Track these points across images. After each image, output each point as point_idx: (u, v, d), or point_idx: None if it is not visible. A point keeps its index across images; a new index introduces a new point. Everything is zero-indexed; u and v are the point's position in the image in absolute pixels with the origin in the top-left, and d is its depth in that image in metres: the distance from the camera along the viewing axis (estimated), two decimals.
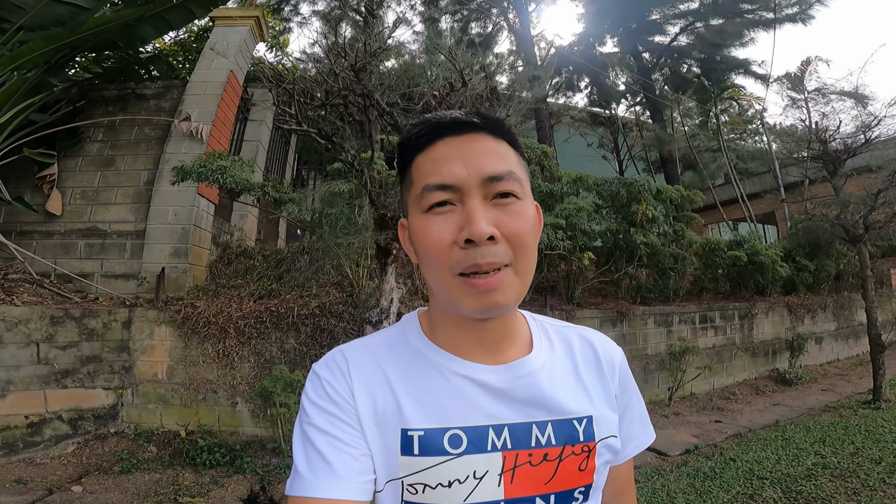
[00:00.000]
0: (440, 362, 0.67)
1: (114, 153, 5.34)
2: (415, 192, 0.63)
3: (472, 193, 0.59)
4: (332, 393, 0.64)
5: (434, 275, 0.62)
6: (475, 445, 0.62)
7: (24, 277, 4.79)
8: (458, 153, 0.61)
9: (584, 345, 0.75)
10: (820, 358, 8.09)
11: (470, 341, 0.67)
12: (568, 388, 0.69)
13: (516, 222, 0.60)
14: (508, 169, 0.61)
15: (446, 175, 0.60)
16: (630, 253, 6.44)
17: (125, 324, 4.54)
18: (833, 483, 3.48)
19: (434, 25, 11.25)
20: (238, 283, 5.29)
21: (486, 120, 0.64)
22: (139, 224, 5.18)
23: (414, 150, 0.65)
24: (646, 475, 3.83)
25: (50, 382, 4.19)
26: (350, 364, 0.67)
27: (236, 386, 4.51)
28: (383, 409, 0.64)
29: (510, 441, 0.63)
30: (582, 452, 0.65)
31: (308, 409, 0.64)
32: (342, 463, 0.60)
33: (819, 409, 5.67)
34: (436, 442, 0.61)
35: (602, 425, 0.68)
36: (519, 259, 0.60)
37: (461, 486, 0.61)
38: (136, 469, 3.90)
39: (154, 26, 4.63)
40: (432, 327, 0.70)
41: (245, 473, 3.89)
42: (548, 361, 0.70)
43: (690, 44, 12.88)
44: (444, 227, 0.60)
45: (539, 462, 0.63)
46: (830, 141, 5.60)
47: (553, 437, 0.64)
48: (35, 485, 3.60)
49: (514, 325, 0.70)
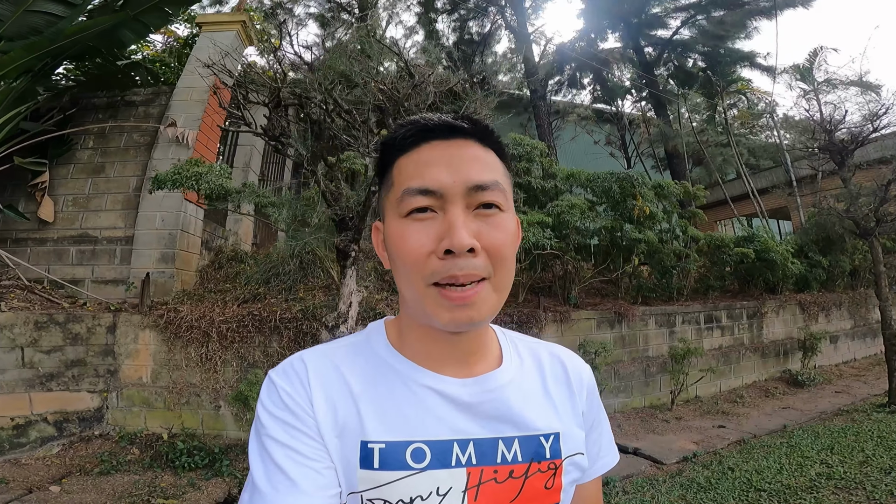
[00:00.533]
0: (406, 373, 0.64)
1: (104, 160, 5.42)
2: (394, 195, 0.60)
3: (455, 202, 0.57)
4: (289, 402, 0.60)
5: (407, 283, 0.60)
6: (439, 460, 0.59)
7: (16, 284, 4.87)
8: (443, 158, 0.59)
9: (553, 361, 0.74)
10: (835, 358, 7.75)
11: (439, 353, 0.64)
12: (536, 403, 0.67)
13: (498, 235, 0.58)
14: (494, 179, 0.59)
15: (429, 180, 0.58)
16: (628, 251, 6.25)
17: (110, 328, 4.57)
18: (836, 496, 3.26)
19: (431, 26, 11.24)
20: (226, 287, 5.31)
21: (476, 126, 0.62)
22: (129, 230, 5.24)
23: (397, 151, 0.62)
24: (637, 485, 3.66)
25: (35, 386, 4.24)
26: (309, 371, 0.63)
27: (219, 390, 4.50)
28: (343, 420, 0.60)
29: (475, 456, 0.61)
30: (548, 470, 0.63)
31: (264, 420, 0.60)
32: (304, 477, 0.56)
33: (831, 413, 5.41)
34: (397, 455, 0.59)
35: (569, 442, 0.67)
36: (497, 273, 0.58)
37: (423, 503, 0.58)
38: (116, 471, 3.91)
39: (132, 30, 4.68)
40: (400, 337, 0.67)
41: (224, 476, 3.86)
42: (517, 376, 0.68)
43: (693, 37, 12.63)
44: (422, 235, 0.57)
45: (504, 479, 0.61)
46: (836, 131, 5.35)
47: (519, 454, 0.63)
48: (16, 484, 3.63)
49: (484, 339, 0.68)
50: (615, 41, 13.82)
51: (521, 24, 11.46)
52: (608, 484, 3.64)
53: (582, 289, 6.35)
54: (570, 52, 12.73)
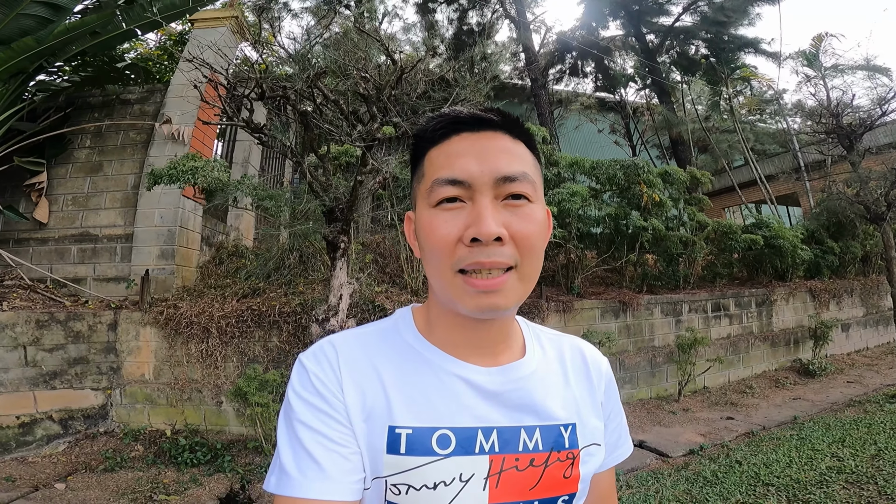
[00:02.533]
0: (434, 360, 0.65)
1: (101, 158, 5.41)
2: (425, 185, 0.62)
3: (484, 192, 0.58)
4: (319, 386, 0.61)
5: (436, 271, 0.61)
6: (463, 447, 0.60)
7: (19, 283, 4.89)
8: (472, 149, 0.60)
9: (574, 353, 0.75)
10: (847, 347, 7.60)
11: (466, 341, 0.65)
12: (557, 394, 0.69)
13: (526, 225, 0.59)
14: (523, 170, 0.60)
15: (458, 170, 0.59)
16: (633, 239, 6.14)
17: (111, 326, 4.58)
18: (846, 490, 3.17)
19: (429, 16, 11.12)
20: (226, 282, 5.29)
21: (505, 118, 0.63)
22: (128, 228, 5.23)
23: (429, 143, 0.64)
24: (641, 479, 3.60)
25: (39, 384, 4.26)
26: (340, 356, 0.64)
27: (220, 385, 4.50)
28: (372, 405, 0.61)
29: (498, 444, 0.62)
30: (567, 459, 0.65)
31: (294, 404, 0.61)
32: (332, 463, 0.57)
33: (842, 404, 5.30)
34: (424, 441, 0.60)
35: (586, 433, 0.68)
36: (525, 263, 0.59)
37: (446, 488, 0.59)
38: (121, 467, 3.94)
39: (123, 36, 4.64)
40: (429, 324, 0.68)
41: (226, 472, 3.87)
42: (540, 367, 0.69)
43: (695, 24, 12.40)
44: (451, 224, 0.58)
45: (525, 467, 0.62)
46: (843, 115, 5.20)
47: (540, 443, 0.64)
48: (23, 482, 3.67)
49: (510, 330, 0.69)
50: (616, 29, 13.66)
51: (520, 14, 11.30)
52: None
53: (585, 278, 6.26)
54: (571, 41, 12.55)
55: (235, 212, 6.77)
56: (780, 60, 11.62)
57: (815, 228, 8.04)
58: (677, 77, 13.49)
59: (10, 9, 4.32)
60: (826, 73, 9.63)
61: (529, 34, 11.52)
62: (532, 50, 11.41)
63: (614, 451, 0.77)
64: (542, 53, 12.19)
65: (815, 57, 10.29)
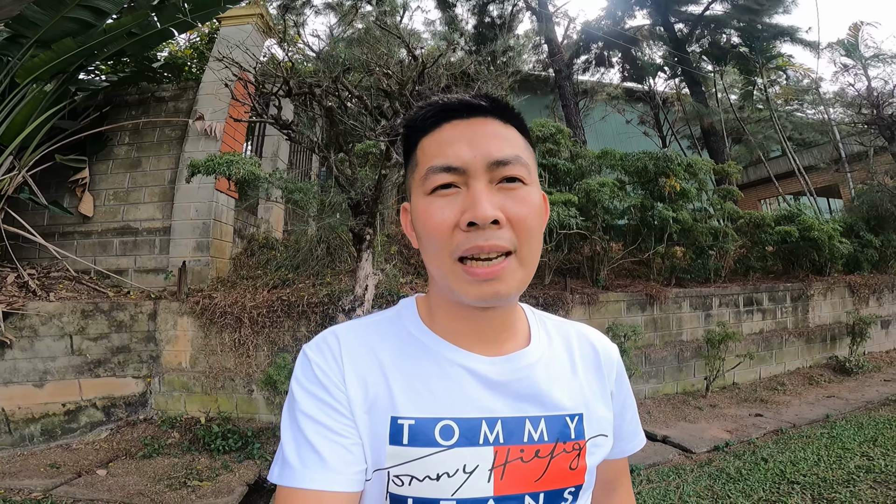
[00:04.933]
0: (437, 350, 0.65)
1: (140, 155, 5.63)
2: (419, 174, 0.62)
3: (478, 176, 0.58)
4: (321, 377, 0.62)
5: (434, 260, 0.61)
6: (467, 438, 0.60)
7: (64, 275, 5.16)
8: (464, 136, 0.60)
9: (582, 341, 0.74)
10: (886, 344, 7.31)
11: (468, 331, 0.65)
12: (563, 383, 0.67)
13: (522, 207, 0.58)
14: (515, 153, 0.60)
15: (451, 157, 0.59)
16: (660, 231, 6.03)
17: (151, 316, 4.78)
18: (873, 490, 3.09)
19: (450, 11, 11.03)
20: (257, 273, 5.45)
21: (495, 104, 0.63)
22: (166, 221, 5.45)
23: (420, 132, 0.64)
24: (662, 474, 3.57)
25: (83, 372, 4.48)
26: (342, 347, 0.64)
27: (252, 374, 4.65)
28: (374, 396, 0.61)
29: (503, 435, 0.61)
30: (573, 450, 0.64)
31: (297, 395, 0.62)
32: (334, 454, 0.58)
33: (878, 403, 5.12)
34: (427, 432, 0.60)
35: (593, 423, 0.67)
36: (523, 246, 0.58)
37: (450, 479, 0.59)
38: (158, 454, 4.11)
39: (158, 35, 4.81)
40: (431, 314, 0.68)
41: (255, 459, 4.01)
42: (545, 355, 0.68)
43: (727, 12, 11.88)
44: (447, 210, 0.58)
45: (530, 458, 0.61)
46: (884, 105, 4.97)
47: (545, 433, 0.63)
48: (67, 469, 3.85)
49: (513, 317, 0.69)
50: (643, 18, 13.25)
51: (542, 5, 11.11)
52: (633, 472, 3.58)
53: (611, 270, 6.19)
54: (596, 31, 12.27)
55: (266, 205, 6.95)
56: (819, 50, 11.09)
57: (854, 221, 7.71)
58: (708, 67, 13.04)
59: (56, 11, 4.53)
60: (867, 62, 9.17)
61: (552, 25, 11.29)
62: (555, 41, 11.21)
63: (628, 441, 0.76)
64: (565, 44, 11.97)
65: (855, 47, 9.80)
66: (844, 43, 10.16)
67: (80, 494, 3.41)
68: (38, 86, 4.59)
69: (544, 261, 5.56)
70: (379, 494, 0.60)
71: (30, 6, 4.38)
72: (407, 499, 0.59)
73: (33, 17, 4.35)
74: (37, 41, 4.50)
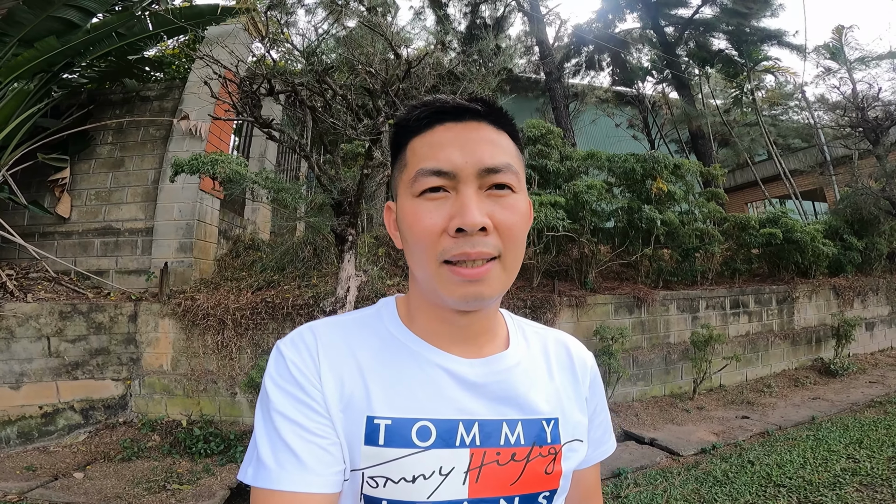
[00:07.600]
0: (416, 350, 0.64)
1: (123, 154, 5.54)
2: (408, 175, 0.61)
3: (468, 182, 0.58)
4: (297, 374, 0.60)
5: (419, 262, 0.60)
6: (444, 440, 0.59)
7: (44, 276, 5.05)
8: (457, 140, 0.59)
9: (558, 347, 0.74)
10: (871, 346, 7.40)
11: (448, 332, 0.65)
12: (540, 387, 0.67)
13: (510, 215, 0.58)
14: (507, 161, 0.60)
15: (443, 161, 0.58)
16: (647, 233, 6.06)
17: (131, 317, 4.70)
18: (859, 493, 3.11)
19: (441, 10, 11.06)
20: (241, 275, 5.38)
21: (489, 108, 0.62)
22: (149, 221, 5.36)
23: (411, 132, 0.63)
24: (649, 478, 3.56)
25: (61, 374, 4.39)
26: (319, 343, 0.63)
27: (235, 376, 4.58)
28: (350, 394, 0.60)
29: (479, 437, 0.61)
30: (549, 455, 0.64)
31: (272, 393, 0.60)
32: (311, 455, 0.56)
33: (863, 405, 5.17)
34: (403, 433, 0.59)
35: (568, 428, 0.67)
36: (508, 253, 0.59)
37: (425, 482, 0.58)
38: (138, 457, 4.04)
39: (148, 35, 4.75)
40: (410, 315, 0.67)
41: (237, 462, 3.95)
42: (523, 359, 0.68)
43: (715, 16, 12.03)
44: (435, 214, 0.57)
45: (506, 462, 0.61)
46: (869, 108, 5.04)
47: (522, 437, 0.63)
48: (43, 472, 3.78)
49: (493, 321, 0.69)
50: (634, 21, 13.37)
51: (534, 7, 11.18)
52: (619, 476, 3.56)
53: (599, 272, 6.20)
54: (586, 34, 12.37)
55: (252, 206, 6.88)
56: (805, 53, 11.25)
57: (838, 224, 7.80)
58: (696, 70, 13.20)
59: (43, 11, 4.46)
60: (852, 65, 9.32)
61: (543, 27, 11.36)
62: (546, 43, 11.28)
63: (599, 447, 0.76)
64: (556, 47, 12.03)
65: (840, 50, 9.96)
66: (829, 46, 10.32)
67: (57, 497, 3.34)
68: (21, 84, 4.51)
69: (532, 263, 5.55)
70: (353, 496, 0.59)
71: (18, 6, 4.32)
72: (381, 501, 0.57)
73: (20, 17, 4.30)
74: (20, 40, 4.43)
